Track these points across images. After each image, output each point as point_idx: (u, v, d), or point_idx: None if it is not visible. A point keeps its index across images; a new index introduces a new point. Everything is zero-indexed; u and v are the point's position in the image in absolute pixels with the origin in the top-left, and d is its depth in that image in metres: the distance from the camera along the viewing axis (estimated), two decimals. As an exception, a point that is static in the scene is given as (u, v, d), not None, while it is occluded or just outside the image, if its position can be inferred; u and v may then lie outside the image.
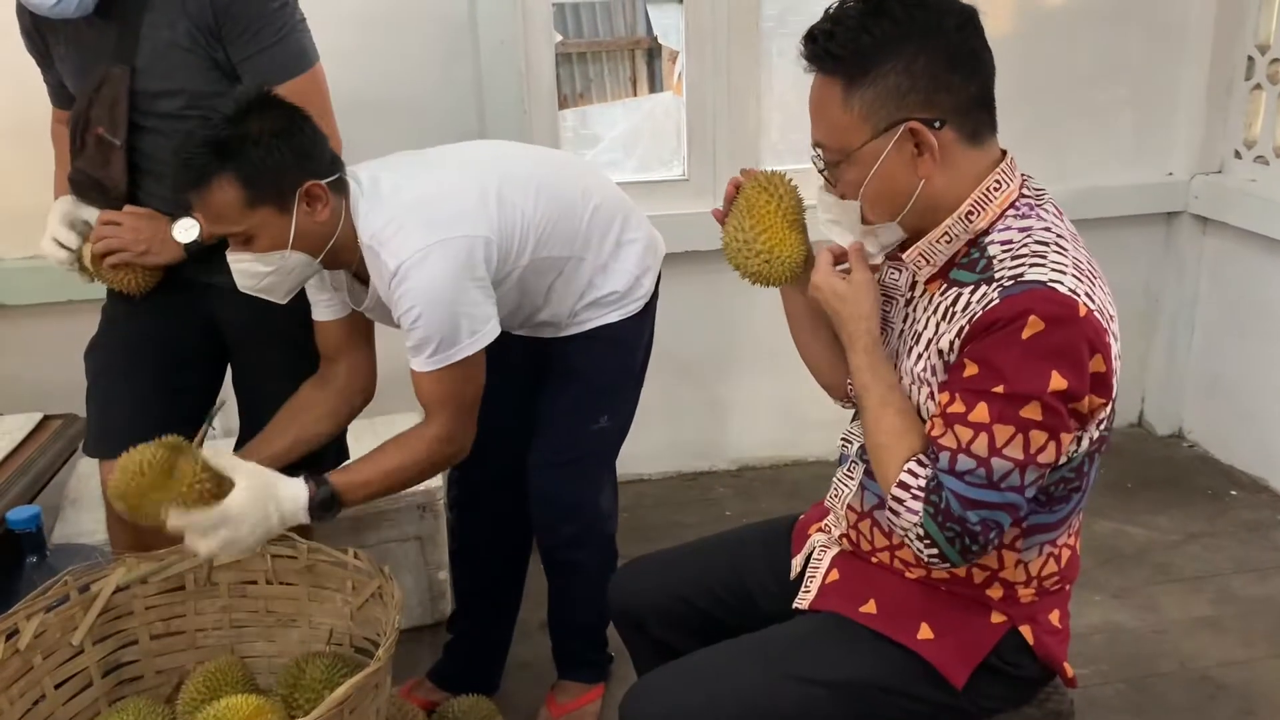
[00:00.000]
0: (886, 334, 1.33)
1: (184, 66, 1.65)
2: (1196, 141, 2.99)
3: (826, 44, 1.19)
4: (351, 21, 2.42)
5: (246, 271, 1.52)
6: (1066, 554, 1.33)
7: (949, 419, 1.17)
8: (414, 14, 2.52)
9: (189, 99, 1.64)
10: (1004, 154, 1.26)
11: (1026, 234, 1.20)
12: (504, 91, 2.58)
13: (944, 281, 1.25)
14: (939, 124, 1.18)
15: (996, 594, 1.31)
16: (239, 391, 1.91)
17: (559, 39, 2.67)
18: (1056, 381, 1.13)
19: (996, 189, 1.23)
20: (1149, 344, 3.21)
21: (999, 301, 1.15)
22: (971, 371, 1.16)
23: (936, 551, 1.18)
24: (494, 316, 1.60)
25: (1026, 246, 1.19)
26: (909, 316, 1.31)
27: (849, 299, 1.28)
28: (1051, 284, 1.14)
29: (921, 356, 1.25)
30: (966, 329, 1.18)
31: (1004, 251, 1.20)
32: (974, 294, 1.19)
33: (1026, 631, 1.31)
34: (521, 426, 1.88)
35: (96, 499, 1.94)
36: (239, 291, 1.57)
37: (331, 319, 1.71)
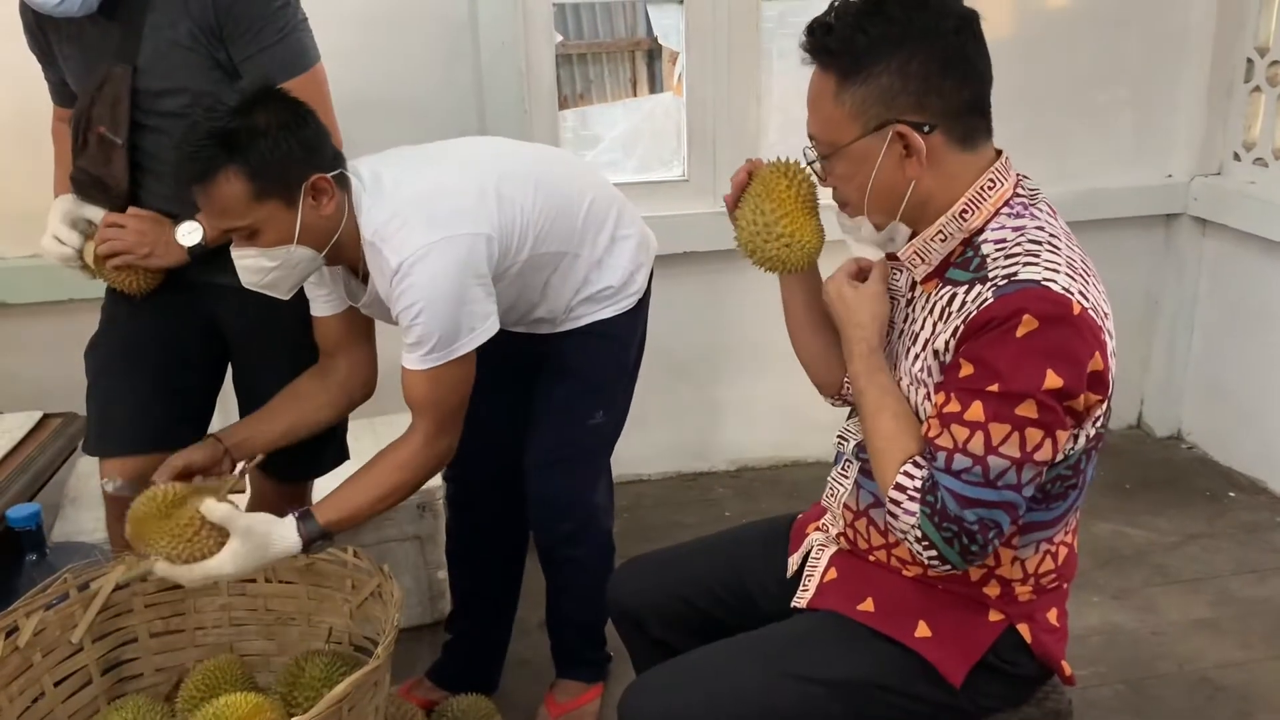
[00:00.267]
0: (889, 336, 1.34)
1: (186, 66, 1.65)
2: (1196, 143, 3.00)
3: (824, 38, 1.20)
4: (353, 22, 2.42)
5: (251, 267, 1.52)
6: (1064, 552, 1.33)
7: (945, 419, 1.18)
8: (415, 14, 2.53)
9: (191, 98, 1.64)
10: (999, 154, 1.26)
11: (1020, 233, 1.21)
12: (504, 92, 2.59)
13: (940, 281, 1.26)
14: (928, 128, 1.19)
15: (994, 592, 1.31)
16: (239, 391, 1.91)
17: (559, 40, 2.68)
18: (1051, 379, 1.13)
19: (991, 188, 1.23)
20: (1148, 346, 3.21)
21: (993, 301, 1.15)
22: (967, 371, 1.17)
23: (936, 553, 1.18)
24: (493, 314, 1.60)
25: (1020, 245, 1.19)
26: (908, 316, 1.31)
27: (852, 307, 1.30)
28: (1045, 283, 1.14)
29: (919, 357, 1.26)
30: (961, 329, 1.18)
31: (998, 250, 1.20)
32: (969, 293, 1.19)
33: (1024, 630, 1.31)
34: (517, 425, 1.89)
35: (96, 497, 1.95)
36: (240, 291, 1.57)
37: (330, 314, 1.71)
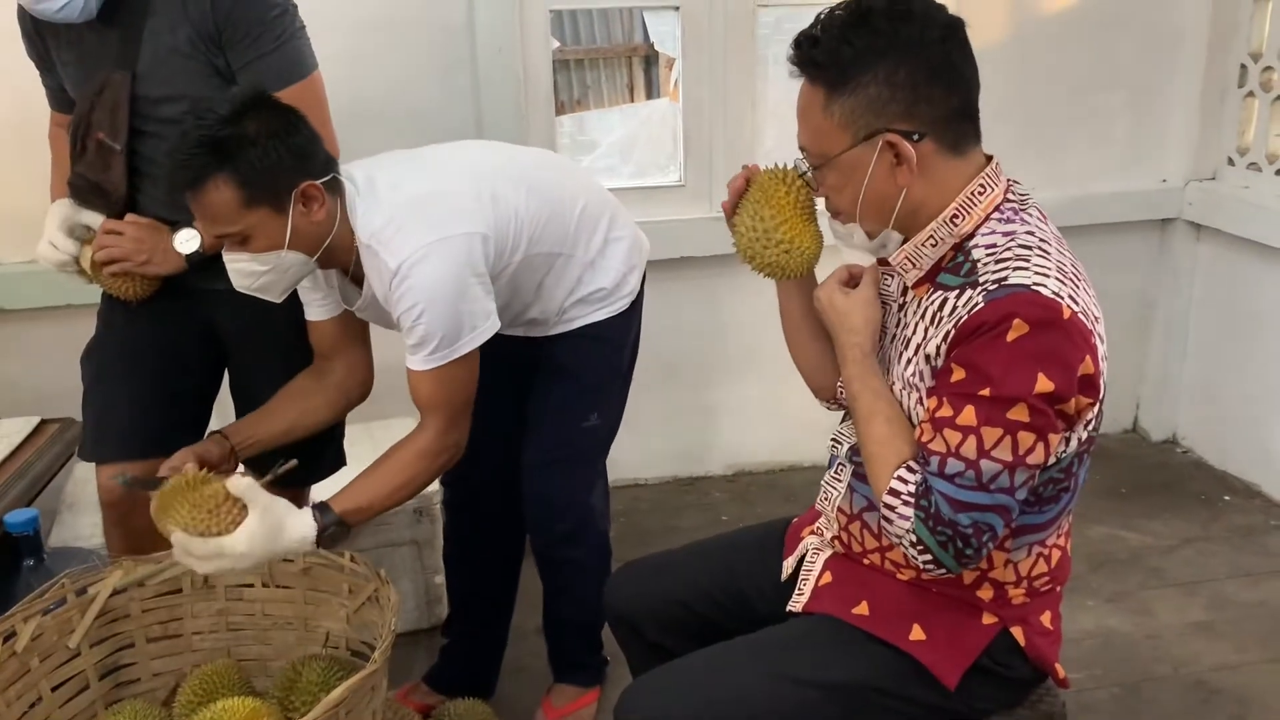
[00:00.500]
0: (881, 341, 1.34)
1: (185, 72, 1.66)
2: (1190, 148, 3.01)
3: (810, 52, 1.21)
4: (351, 28, 2.43)
5: (243, 271, 1.53)
6: (1057, 555, 1.34)
7: (937, 423, 1.18)
8: (413, 21, 2.54)
9: (190, 104, 1.64)
10: (989, 159, 1.27)
11: (1010, 238, 1.22)
12: (502, 98, 2.59)
13: (931, 286, 1.27)
14: (918, 136, 1.20)
15: (987, 595, 1.32)
16: (236, 396, 1.92)
17: (557, 46, 2.69)
18: (1042, 383, 1.14)
19: (981, 193, 1.24)
20: (1143, 350, 3.22)
21: (983, 305, 1.16)
22: (959, 376, 1.17)
23: (930, 557, 1.19)
24: (493, 312, 1.61)
25: (1010, 250, 1.20)
26: (900, 321, 1.32)
27: (845, 313, 1.31)
28: (1035, 287, 1.15)
29: (911, 361, 1.27)
30: (952, 333, 1.19)
31: (988, 255, 1.21)
32: (959, 298, 1.20)
33: (1018, 633, 1.32)
34: (512, 428, 1.90)
35: (93, 502, 1.95)
36: (237, 297, 1.57)
37: (326, 318, 1.71)
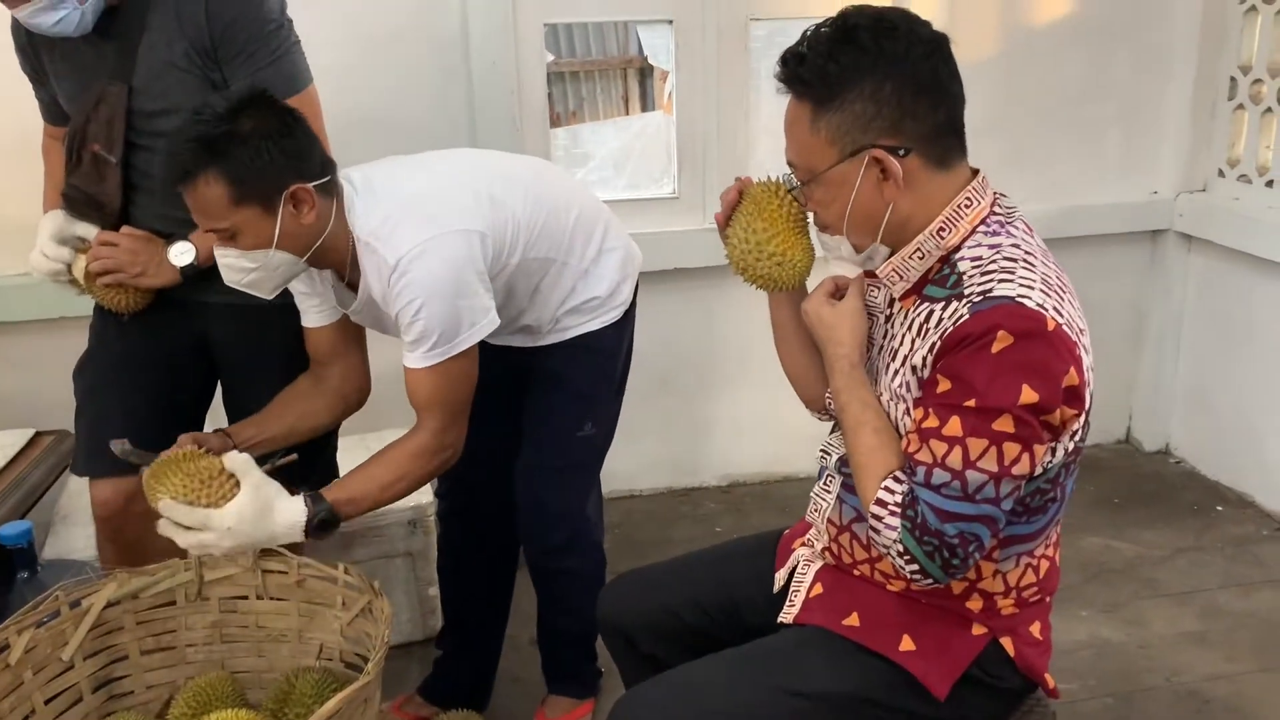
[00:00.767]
0: (868, 352, 1.35)
1: (180, 86, 1.66)
2: (1181, 160, 3.03)
3: (797, 69, 1.22)
4: (346, 41, 2.45)
5: (232, 266, 1.53)
6: (1045, 565, 1.35)
7: (924, 434, 1.19)
8: (407, 35, 2.55)
9: (185, 118, 1.66)
10: (975, 172, 1.28)
11: (996, 250, 1.23)
12: (496, 110, 2.61)
13: (917, 298, 1.28)
14: (904, 151, 1.21)
15: (976, 606, 1.32)
16: (229, 408, 1.91)
17: (551, 59, 2.71)
18: (1027, 394, 1.14)
19: (968, 206, 1.25)
20: (1136, 361, 3.22)
21: (969, 317, 1.17)
22: (944, 387, 1.18)
23: (918, 567, 1.19)
24: (492, 309, 1.61)
25: (995, 263, 1.21)
26: (887, 333, 1.33)
27: (832, 325, 1.32)
28: (1020, 299, 1.16)
29: (898, 373, 1.27)
30: (938, 345, 1.20)
31: (974, 268, 1.22)
32: (945, 310, 1.21)
33: (1007, 643, 1.33)
34: (506, 438, 1.90)
35: (87, 515, 1.95)
36: (230, 309, 1.58)
37: (322, 325, 1.71)
